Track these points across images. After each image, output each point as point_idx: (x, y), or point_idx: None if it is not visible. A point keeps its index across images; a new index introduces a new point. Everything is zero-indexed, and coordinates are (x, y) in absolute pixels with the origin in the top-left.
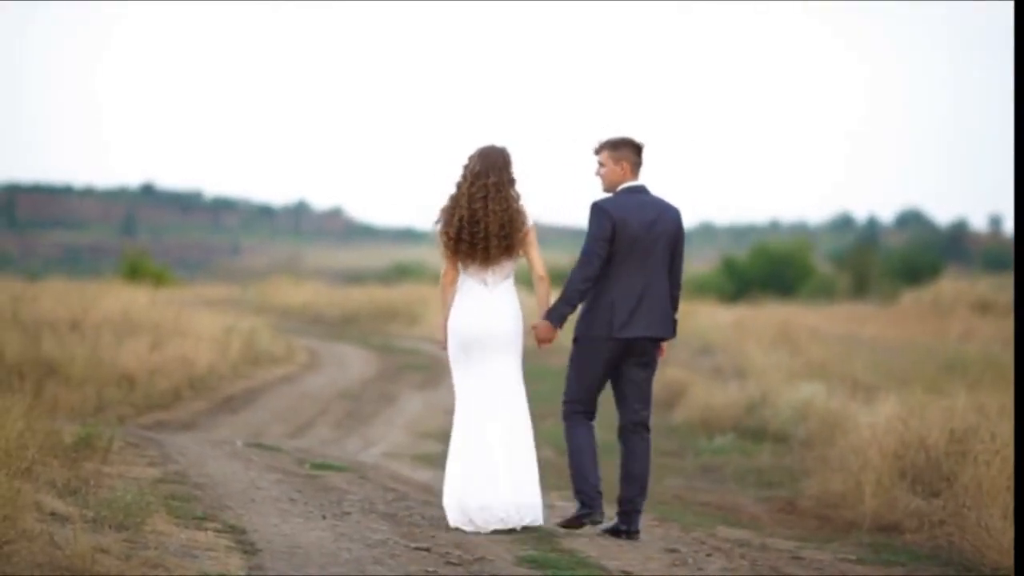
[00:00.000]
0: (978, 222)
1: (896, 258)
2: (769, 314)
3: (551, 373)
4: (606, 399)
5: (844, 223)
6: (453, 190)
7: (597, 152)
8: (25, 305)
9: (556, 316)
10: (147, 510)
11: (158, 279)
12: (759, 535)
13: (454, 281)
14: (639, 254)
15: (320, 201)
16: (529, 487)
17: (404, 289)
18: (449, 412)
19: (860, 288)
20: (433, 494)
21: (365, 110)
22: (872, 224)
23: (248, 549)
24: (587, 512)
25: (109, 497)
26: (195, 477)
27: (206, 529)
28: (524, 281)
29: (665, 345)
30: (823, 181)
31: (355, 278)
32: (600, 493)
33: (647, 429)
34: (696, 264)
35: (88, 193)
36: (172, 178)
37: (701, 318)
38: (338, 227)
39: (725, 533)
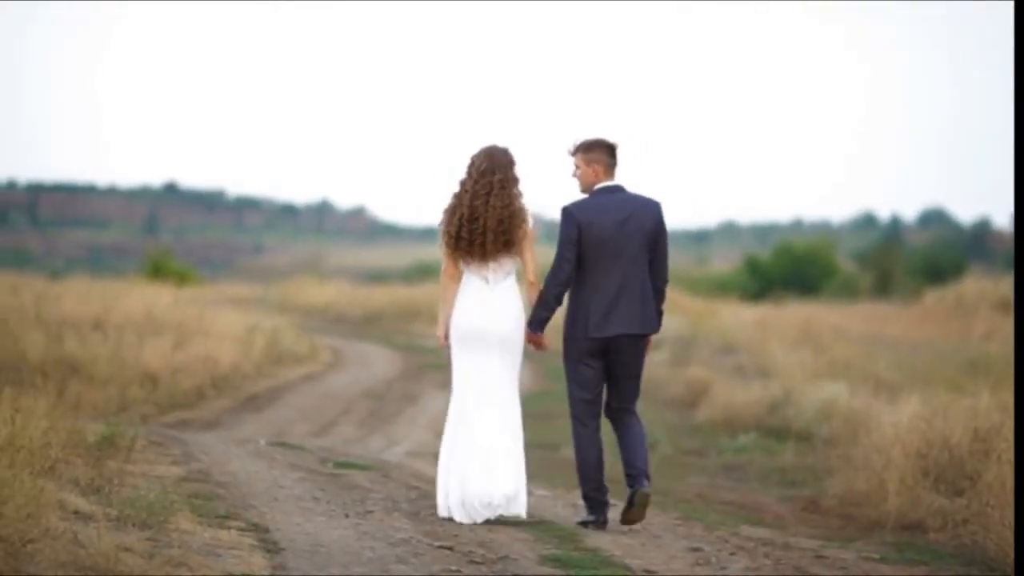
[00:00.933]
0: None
1: (919, 257)
2: (792, 313)
3: None
4: None
5: (867, 222)
6: (457, 189)
7: (572, 154)
8: (48, 304)
9: (536, 323)
10: (170, 509)
11: (181, 278)
12: (782, 534)
13: (454, 277)
14: (610, 253)
15: (343, 200)
16: (514, 480)
17: (427, 288)
18: None
19: (883, 287)
20: None
21: (388, 109)
22: (895, 223)
23: (271, 548)
24: (591, 519)
25: (132, 496)
26: (218, 476)
27: (229, 528)
28: (521, 277)
29: (652, 338)
30: (846, 180)
31: (378, 277)
32: (605, 503)
33: (633, 412)
34: (719, 263)
35: (111, 192)
36: (195, 177)
37: (724, 317)
38: (361, 226)
39: (748, 532)
